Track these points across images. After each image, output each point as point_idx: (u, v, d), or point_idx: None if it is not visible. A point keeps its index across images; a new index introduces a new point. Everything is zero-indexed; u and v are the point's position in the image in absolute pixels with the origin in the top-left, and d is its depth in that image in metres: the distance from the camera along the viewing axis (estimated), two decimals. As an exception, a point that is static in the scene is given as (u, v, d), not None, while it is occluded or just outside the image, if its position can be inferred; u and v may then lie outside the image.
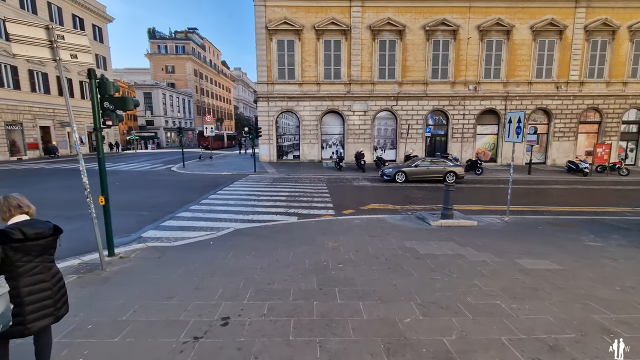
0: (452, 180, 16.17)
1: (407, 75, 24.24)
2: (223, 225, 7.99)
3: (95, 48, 37.69)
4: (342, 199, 11.88)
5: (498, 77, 24.54)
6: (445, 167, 16.40)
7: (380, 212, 9.92)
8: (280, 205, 10.54)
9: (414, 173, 16.20)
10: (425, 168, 16.33)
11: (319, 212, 9.68)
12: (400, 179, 16.07)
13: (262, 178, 17.09)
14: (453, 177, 16.17)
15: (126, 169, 21.29)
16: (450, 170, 16.29)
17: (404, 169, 16.27)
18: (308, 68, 23.94)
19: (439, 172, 16.27)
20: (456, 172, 16.31)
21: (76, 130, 4.83)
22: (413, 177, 16.16)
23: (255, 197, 11.79)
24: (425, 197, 12.62)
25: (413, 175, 16.17)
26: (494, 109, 24.85)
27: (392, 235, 7.13)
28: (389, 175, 16.24)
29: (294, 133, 25.26)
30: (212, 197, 11.49)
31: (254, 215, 9.09)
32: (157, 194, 12.32)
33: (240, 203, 10.64)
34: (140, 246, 6.08)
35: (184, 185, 14.74)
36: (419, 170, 16.26)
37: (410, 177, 16.11)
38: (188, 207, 9.92)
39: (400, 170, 16.20)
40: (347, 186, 14.99)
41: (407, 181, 16.02)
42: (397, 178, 16.08)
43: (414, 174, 16.19)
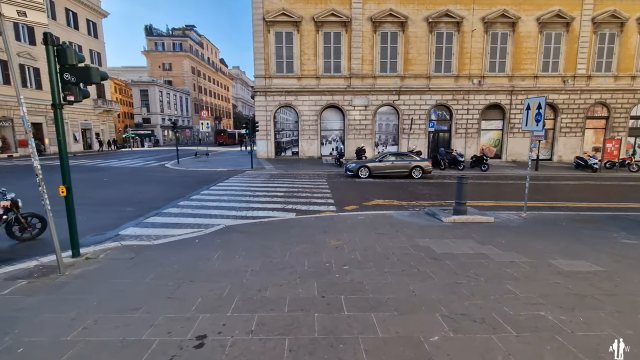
0: (419, 175, 15.56)
1: (409, 69, 23.44)
2: (213, 222, 7.18)
3: (90, 43, 36.86)
4: (344, 195, 11.09)
5: (503, 70, 23.76)
6: (411, 162, 15.68)
7: (385, 208, 9.13)
8: (277, 201, 9.73)
9: (378, 168, 15.44)
10: (390, 163, 15.59)
11: (320, 208, 8.89)
12: (364, 174, 15.30)
13: (259, 174, 16.29)
14: (419, 172, 15.52)
15: (118, 165, 20.44)
16: (416, 165, 15.57)
17: (368, 164, 15.50)
18: (307, 61, 23.13)
19: (404, 168, 15.56)
20: (422, 166, 15.61)
21: (27, 120, 4.00)
22: (377, 172, 15.41)
23: (251, 192, 10.98)
24: (433, 192, 11.82)
25: (377, 170, 15.41)
26: (498, 103, 24.07)
27: (401, 232, 6.34)
28: (351, 170, 15.48)
29: (293, 129, 24.44)
30: (204, 193, 10.68)
31: (248, 212, 8.28)
32: (146, 189, 11.49)
33: (234, 199, 9.83)
34: (113, 245, 5.26)
35: (175, 181, 13.92)
36: (383, 165, 15.51)
37: (374, 172, 15.35)
38: (177, 202, 9.11)
39: (364, 165, 15.42)
40: (348, 182, 14.20)
41: (371, 176, 15.27)
42: (360, 173, 15.31)
43: (378, 170, 15.43)
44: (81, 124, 36.02)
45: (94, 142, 38.05)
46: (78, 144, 35.57)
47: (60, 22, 32.61)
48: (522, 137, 24.44)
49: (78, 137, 35.66)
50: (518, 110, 24.09)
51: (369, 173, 15.33)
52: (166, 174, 16.19)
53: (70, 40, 33.79)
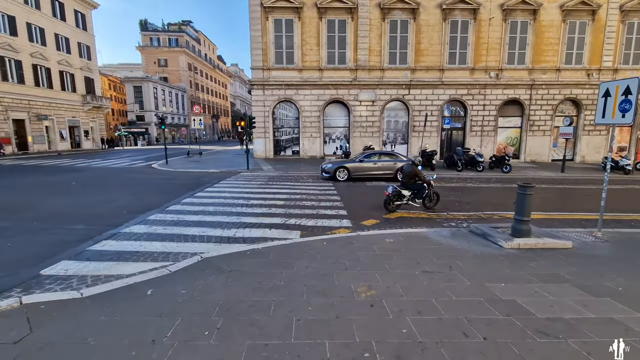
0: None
1: (420, 61, 21.45)
2: (187, 248, 5.19)
3: (78, 36, 34.77)
4: (358, 203, 9.11)
5: (523, 62, 21.79)
6: (397, 162, 13.66)
7: (413, 223, 7.17)
8: (276, 213, 7.75)
9: (359, 170, 13.41)
10: (372, 164, 13.54)
11: (331, 224, 6.92)
12: (342, 177, 13.28)
13: (256, 176, 14.30)
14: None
15: (99, 165, 18.41)
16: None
17: (347, 164, 13.45)
18: (309, 52, 21.10)
19: (388, 169, 13.57)
20: None
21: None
22: (357, 174, 13.41)
23: (244, 200, 8.99)
24: (460, 199, 9.84)
25: (357, 172, 13.40)
26: (517, 98, 22.11)
27: (457, 269, 4.37)
28: (328, 172, 13.42)
29: (293, 126, 22.43)
30: (186, 202, 8.68)
31: (238, 230, 6.29)
32: (116, 196, 9.49)
33: (222, 210, 7.84)
34: (5, 305, 3.24)
35: (157, 185, 11.92)
36: (364, 166, 13.46)
37: (353, 174, 13.35)
38: (147, 216, 7.11)
39: (342, 166, 13.36)
40: (359, 186, 12.21)
41: (350, 179, 13.26)
42: (337, 175, 13.27)
43: (359, 171, 13.42)
44: (68, 120, 33.95)
45: (82, 140, 36.00)
46: (65, 142, 33.52)
47: (45, 11, 30.49)
48: (543, 135, 22.50)
49: (65, 135, 33.60)
50: (538, 106, 22.14)
51: (347, 175, 13.27)
52: (149, 176, 14.18)
53: (56, 32, 31.78)
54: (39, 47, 29.91)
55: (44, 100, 30.56)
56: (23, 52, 28.31)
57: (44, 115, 30.38)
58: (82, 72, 35.31)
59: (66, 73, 33.24)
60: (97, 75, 38.02)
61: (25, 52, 28.51)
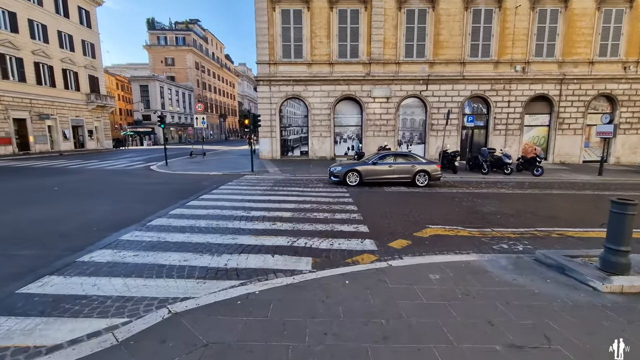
0: (424, 182, 12.04)
1: (439, 54, 19.77)
2: (157, 290, 3.77)
3: (82, 34, 33.93)
4: (379, 214, 7.59)
5: (552, 55, 19.93)
6: (415, 164, 12.11)
7: (454, 243, 5.64)
8: (281, 229, 6.29)
9: (372, 173, 11.88)
10: (387, 167, 11.96)
11: (350, 245, 5.44)
12: (353, 181, 11.78)
13: (261, 180, 12.89)
14: (425, 179, 12.02)
15: (95, 167, 17.24)
16: (422, 170, 12.03)
17: (358, 167, 11.91)
18: (319, 45, 19.62)
19: (405, 172, 12.02)
20: (428, 171, 12.03)
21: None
22: (370, 178, 11.89)
23: (244, 211, 7.56)
24: (501, 209, 8.22)
25: (370, 176, 11.87)
26: (545, 94, 20.24)
27: (553, 334, 2.84)
28: (337, 176, 11.94)
29: (302, 124, 20.98)
30: (174, 213, 7.29)
31: (232, 257, 4.85)
32: (96, 205, 8.16)
33: (215, 226, 6.42)
34: None
35: (148, 190, 10.59)
36: (378, 169, 11.89)
37: (366, 178, 11.83)
38: (121, 235, 5.73)
39: (353, 169, 11.83)
40: (376, 192, 10.69)
41: (362, 184, 11.76)
42: (348, 180, 11.76)
43: (372, 175, 11.88)
44: (72, 120, 33.11)
45: (86, 139, 35.17)
46: (68, 142, 32.70)
47: (47, 8, 29.62)
48: (573, 134, 20.59)
49: (68, 135, 32.77)
50: (569, 103, 20.24)
51: (359, 179, 11.77)
52: (143, 180, 12.89)
53: (59, 29, 30.95)
54: (41, 44, 29.08)
55: (46, 99, 29.72)
56: (24, 50, 27.47)
57: (46, 114, 29.54)
58: (86, 71, 34.46)
59: (69, 71, 32.40)
60: (101, 74, 37.19)
61: (26, 49, 27.68)
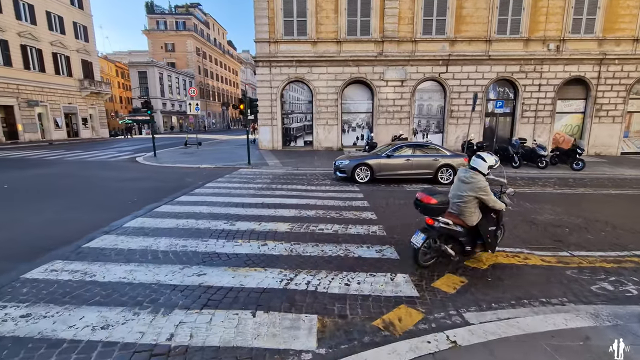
0: (449, 179, 9.91)
1: (462, 30, 17.42)
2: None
3: (73, 15, 31.88)
4: (407, 226, 5.63)
5: (591, 31, 17.45)
6: (438, 157, 9.99)
7: (532, 283, 3.68)
8: (273, 254, 4.40)
9: (385, 168, 9.84)
10: (404, 160, 9.87)
11: (375, 287, 3.53)
12: (363, 178, 9.80)
13: (257, 175, 10.99)
14: (450, 175, 9.93)
15: (74, 158, 15.47)
16: (446, 165, 9.93)
17: (369, 160, 9.87)
18: (325, 20, 17.37)
19: (426, 167, 9.95)
20: (454, 165, 9.94)
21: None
22: (383, 174, 9.88)
23: (227, 223, 5.68)
24: (562, 217, 6.21)
25: (383, 171, 9.86)
26: (582, 77, 17.85)
27: None
28: (344, 171, 9.95)
29: (306, 111, 18.91)
30: (132, 226, 5.44)
31: (187, 317, 2.99)
32: (37, 212, 6.33)
33: (180, 248, 4.55)
34: None
35: (118, 188, 8.75)
36: (392, 164, 9.84)
37: (378, 173, 9.83)
38: (23, 273, 3.90)
39: (363, 163, 9.80)
40: (395, 192, 8.72)
41: (373, 180, 9.76)
42: (356, 176, 9.78)
43: (385, 170, 9.86)
44: (64, 107, 31.35)
45: (80, 128, 33.49)
46: (60, 130, 31.04)
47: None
48: (612, 122, 18.24)
49: (60, 123, 31.08)
50: (608, 87, 17.85)
51: (370, 175, 9.79)
52: (119, 174, 11.05)
53: (48, 10, 28.91)
54: (28, 26, 27.12)
55: (35, 85, 27.92)
56: (9, 31, 25.56)
57: (35, 101, 27.77)
58: (78, 55, 32.52)
59: (60, 55, 30.47)
60: (95, 59, 35.22)
61: (12, 30, 25.76)
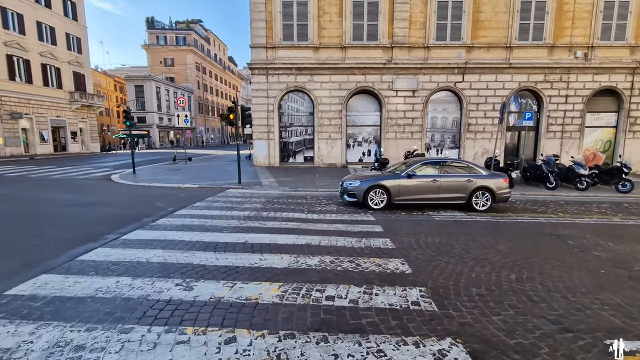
0: (487, 205, 7.84)
1: (480, 36, 15.79)
2: None
3: (66, 26, 30.71)
4: (459, 287, 3.53)
5: (622, 38, 15.82)
6: (471, 177, 7.86)
7: None
8: (248, 355, 2.32)
9: (407, 191, 7.81)
10: (430, 181, 7.80)
11: None
12: (378, 203, 7.77)
13: (246, 198, 8.94)
14: (488, 199, 7.84)
15: (39, 175, 13.45)
16: (482, 187, 7.81)
17: (385, 181, 7.81)
18: (328, 24, 15.77)
19: (458, 190, 7.84)
20: (492, 188, 7.80)
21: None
22: (404, 198, 7.82)
23: (181, 285, 3.59)
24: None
25: (404, 195, 7.81)
26: (613, 87, 16.09)
27: None
28: (353, 194, 7.93)
29: (306, 124, 17.06)
30: (21, 289, 3.36)
31: None
32: None
33: (74, 348, 2.47)
34: None
35: (61, 218, 6.68)
36: (416, 185, 7.81)
37: (396, 198, 7.78)
38: None
39: (378, 184, 7.79)
40: (425, 223, 6.63)
41: (391, 206, 7.75)
42: (370, 201, 7.75)
43: (407, 194, 7.82)
44: (52, 120, 29.69)
45: (68, 142, 31.71)
46: (47, 144, 29.24)
47: (30, -4, 26.44)
48: (648, 137, 16.36)
49: (47, 137, 29.33)
50: (643, 98, 16.07)
51: (387, 200, 7.74)
52: (80, 196, 8.98)
53: (39, 20, 27.69)
54: (16, 35, 25.80)
55: (20, 97, 26.33)
56: (-9, 40, 24.20)
57: (18, 113, 26.08)
58: (70, 67, 31.15)
59: (50, 67, 29.06)
60: (88, 71, 33.88)
61: (-8, 38, 24.39)
